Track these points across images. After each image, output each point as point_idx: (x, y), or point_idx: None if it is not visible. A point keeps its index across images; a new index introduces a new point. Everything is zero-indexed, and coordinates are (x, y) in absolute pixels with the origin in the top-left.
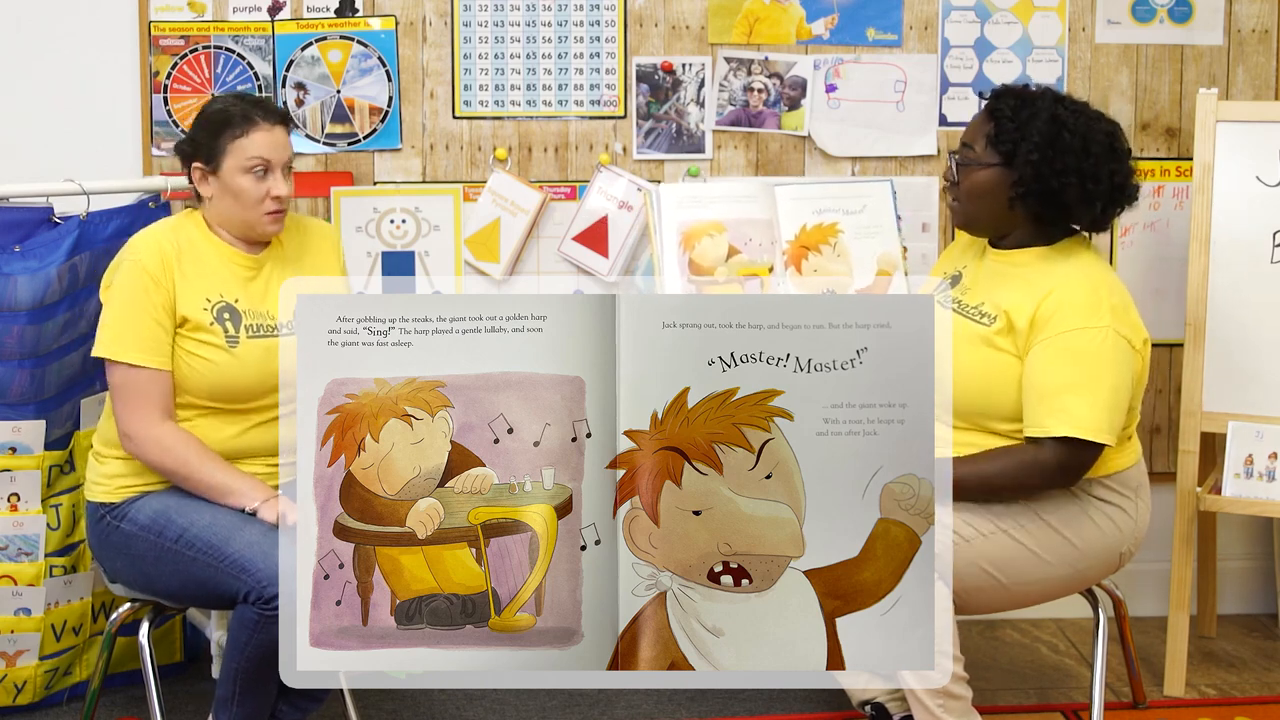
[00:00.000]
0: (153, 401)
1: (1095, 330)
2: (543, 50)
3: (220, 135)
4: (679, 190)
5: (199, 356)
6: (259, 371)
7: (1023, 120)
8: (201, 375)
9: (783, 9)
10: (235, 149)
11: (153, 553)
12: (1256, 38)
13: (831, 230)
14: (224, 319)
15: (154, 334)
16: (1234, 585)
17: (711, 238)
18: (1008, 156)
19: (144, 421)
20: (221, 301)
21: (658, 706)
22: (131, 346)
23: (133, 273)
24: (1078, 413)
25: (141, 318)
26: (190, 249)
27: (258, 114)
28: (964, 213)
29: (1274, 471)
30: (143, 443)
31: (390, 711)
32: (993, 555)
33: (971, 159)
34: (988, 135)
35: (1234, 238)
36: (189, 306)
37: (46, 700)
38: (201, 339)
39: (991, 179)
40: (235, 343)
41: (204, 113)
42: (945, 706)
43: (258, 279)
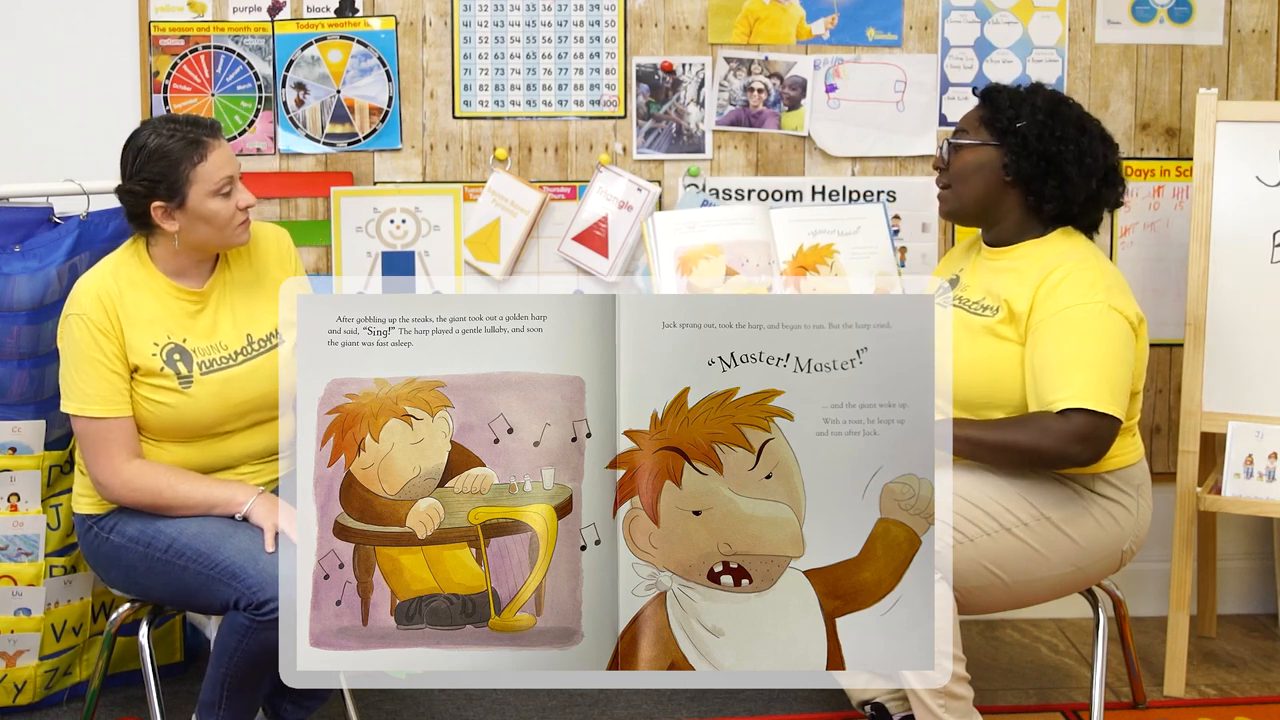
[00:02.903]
0: (117, 447)
1: (1091, 305)
2: (543, 50)
3: (178, 168)
4: (674, 217)
5: (155, 401)
6: (217, 405)
7: (1020, 97)
8: (160, 418)
9: (783, 9)
10: (198, 177)
11: (143, 563)
12: (1256, 38)
13: (827, 251)
14: (174, 361)
15: (111, 383)
16: (1234, 585)
17: (708, 260)
18: (1002, 134)
19: (111, 468)
20: (169, 343)
21: (658, 706)
22: (91, 400)
23: (79, 327)
24: (1081, 385)
25: (97, 369)
26: (132, 292)
27: (203, 134)
28: (954, 196)
29: (1274, 471)
30: (114, 489)
31: (390, 711)
32: (995, 554)
33: (964, 140)
34: (981, 117)
35: (1234, 238)
36: (138, 354)
37: (46, 700)
38: (155, 384)
39: (984, 157)
40: (189, 383)
41: (143, 149)
42: (947, 706)
43: (204, 312)
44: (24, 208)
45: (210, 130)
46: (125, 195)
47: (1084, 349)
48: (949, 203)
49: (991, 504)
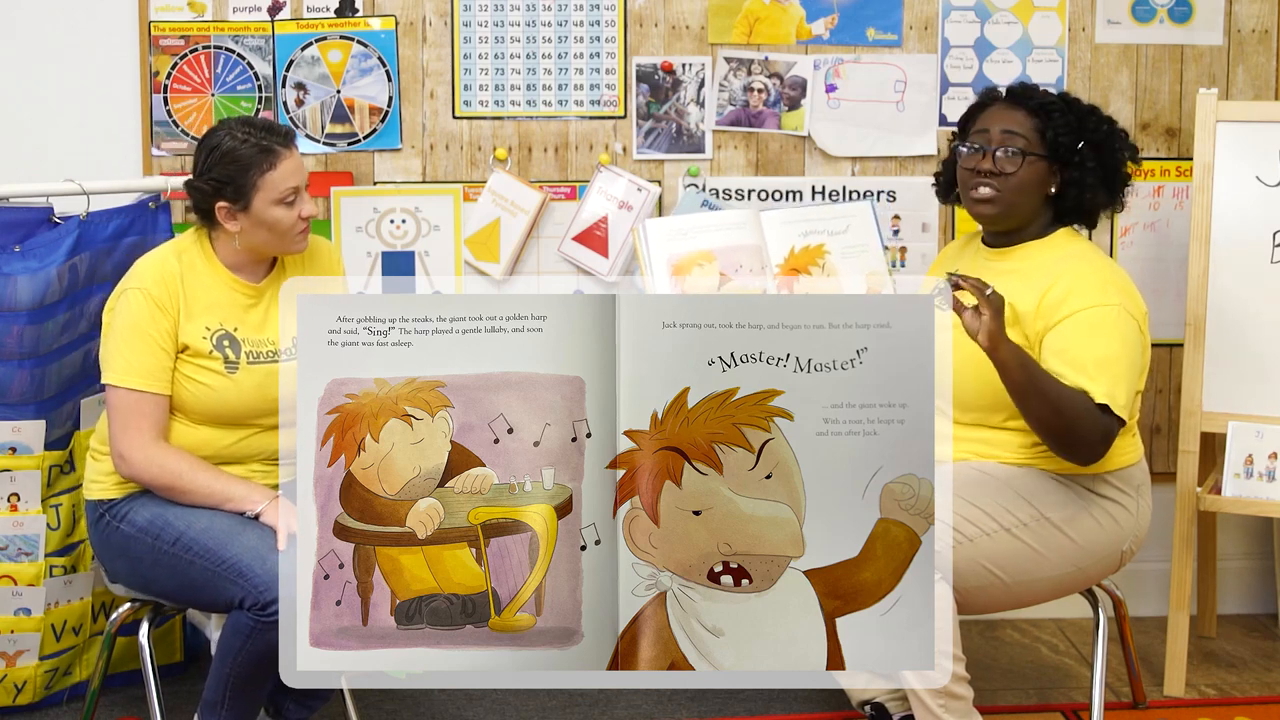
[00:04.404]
0: (149, 423)
1: (1108, 308)
2: (543, 50)
3: (247, 173)
4: (665, 224)
5: (198, 381)
6: (257, 395)
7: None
8: (200, 399)
9: (783, 9)
10: (265, 184)
11: (150, 555)
12: (1256, 38)
13: (819, 251)
14: (223, 346)
15: (158, 360)
16: (1234, 585)
17: (701, 267)
18: (1061, 151)
19: (137, 443)
20: (221, 330)
21: (658, 706)
22: (135, 373)
23: (138, 300)
24: (1107, 386)
25: (147, 344)
26: (192, 275)
27: (276, 142)
28: (1007, 206)
29: (1274, 471)
30: (135, 463)
31: (390, 711)
32: (995, 554)
33: (1025, 148)
34: (1038, 129)
35: (1234, 238)
36: (190, 335)
37: (46, 700)
38: (201, 364)
39: (1043, 172)
40: (235, 368)
41: (216, 149)
42: (947, 706)
43: (258, 307)
44: (24, 208)
45: (284, 139)
46: (193, 190)
47: (1108, 350)
48: (998, 207)
49: (991, 504)
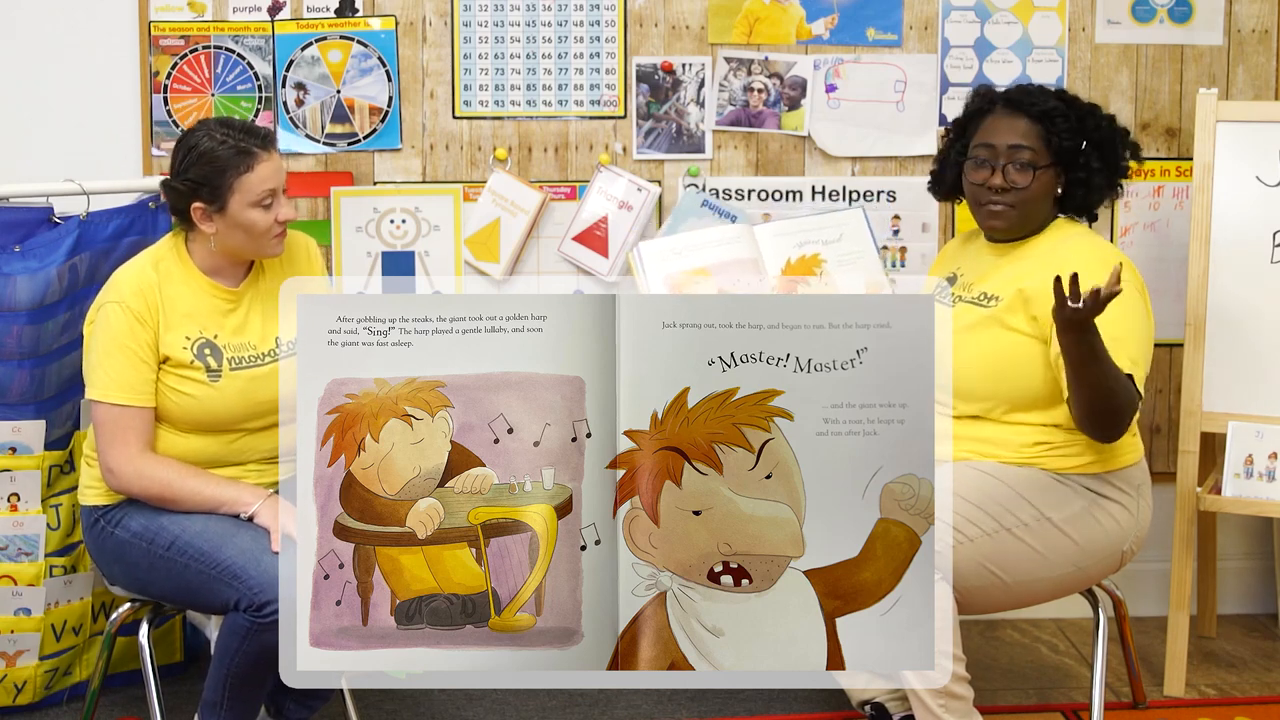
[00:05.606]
0: (134, 436)
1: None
2: (543, 50)
3: (224, 174)
4: (659, 245)
5: (181, 392)
6: (242, 401)
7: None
8: (185, 409)
9: (783, 9)
10: (242, 186)
11: (145, 560)
12: (1256, 38)
13: (815, 261)
14: (205, 355)
15: (139, 373)
16: (1234, 585)
17: (698, 284)
18: (1065, 154)
19: (124, 456)
20: (201, 339)
21: (658, 706)
22: (117, 387)
23: (116, 314)
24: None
25: (128, 358)
26: (170, 285)
27: (254, 144)
28: (1020, 218)
29: (1274, 471)
30: (124, 476)
31: (390, 711)
32: (995, 554)
33: (1033, 160)
34: (1041, 137)
35: (1234, 238)
36: (170, 346)
37: (46, 700)
38: (183, 375)
39: (1051, 180)
40: (217, 376)
41: (193, 149)
42: (947, 706)
43: (237, 311)
44: (24, 208)
45: (262, 141)
46: (169, 190)
47: (1128, 325)
48: (1012, 220)
49: (991, 504)
